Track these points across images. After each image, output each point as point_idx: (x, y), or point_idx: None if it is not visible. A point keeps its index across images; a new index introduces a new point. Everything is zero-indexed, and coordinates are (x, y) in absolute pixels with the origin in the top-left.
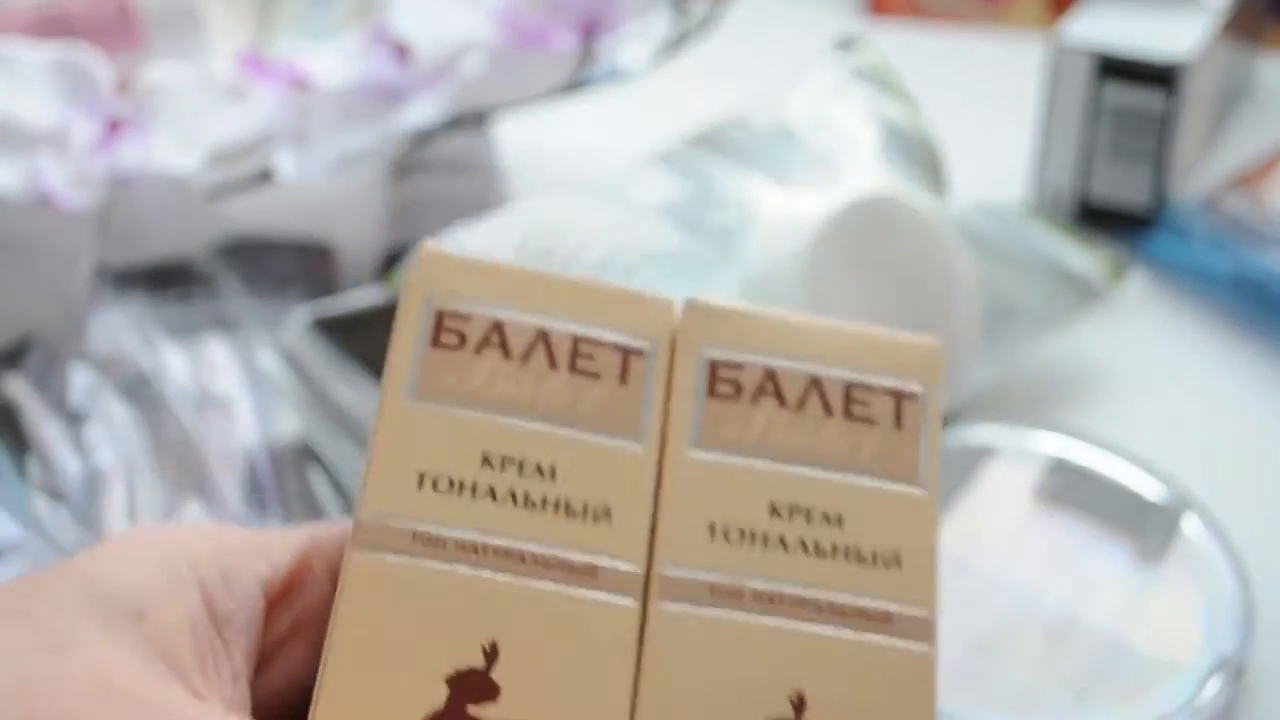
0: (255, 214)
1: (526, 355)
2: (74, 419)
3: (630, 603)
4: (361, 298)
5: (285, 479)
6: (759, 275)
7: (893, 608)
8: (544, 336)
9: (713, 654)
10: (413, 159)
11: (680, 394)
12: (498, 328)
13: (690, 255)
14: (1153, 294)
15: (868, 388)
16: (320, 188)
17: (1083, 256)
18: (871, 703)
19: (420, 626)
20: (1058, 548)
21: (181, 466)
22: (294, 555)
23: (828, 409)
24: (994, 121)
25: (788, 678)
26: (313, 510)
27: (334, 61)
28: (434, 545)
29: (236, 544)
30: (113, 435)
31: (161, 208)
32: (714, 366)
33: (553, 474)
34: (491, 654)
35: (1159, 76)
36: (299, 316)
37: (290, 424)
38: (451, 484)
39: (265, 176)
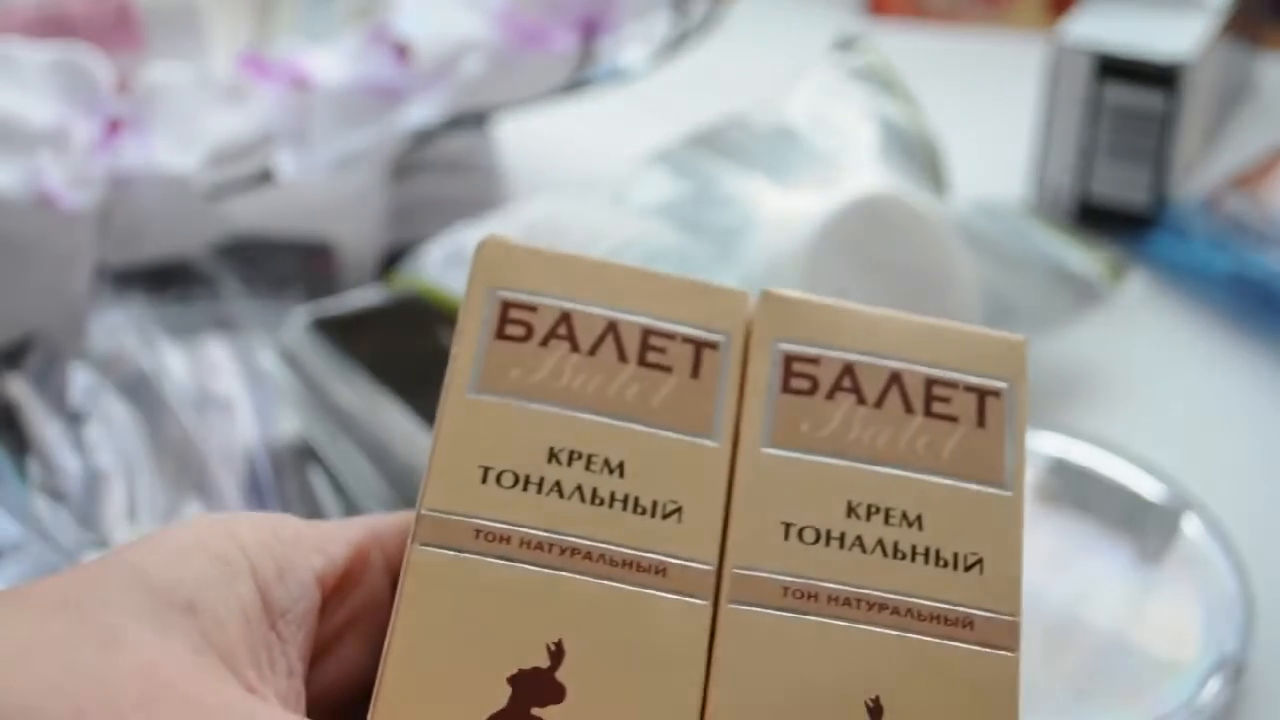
0: (255, 214)
1: (595, 348)
2: (74, 419)
3: (701, 603)
4: (361, 298)
5: (285, 479)
6: (759, 275)
7: (975, 612)
8: (613, 328)
9: (786, 657)
10: (413, 159)
11: (754, 389)
12: (565, 319)
13: (690, 255)
14: (1153, 294)
15: (950, 384)
16: (320, 188)
17: (1083, 256)
18: (952, 711)
19: (483, 624)
20: (1058, 548)
21: (181, 466)
22: (351, 548)
23: (908, 406)
24: (994, 121)
25: (864, 683)
26: (313, 511)
27: (334, 61)
28: (498, 541)
29: (292, 536)
30: (113, 435)
31: (161, 208)
32: (789, 360)
33: (621, 470)
34: (557, 654)
35: (1159, 76)
36: (299, 316)
37: (290, 424)
38: (516, 479)
39: (265, 176)
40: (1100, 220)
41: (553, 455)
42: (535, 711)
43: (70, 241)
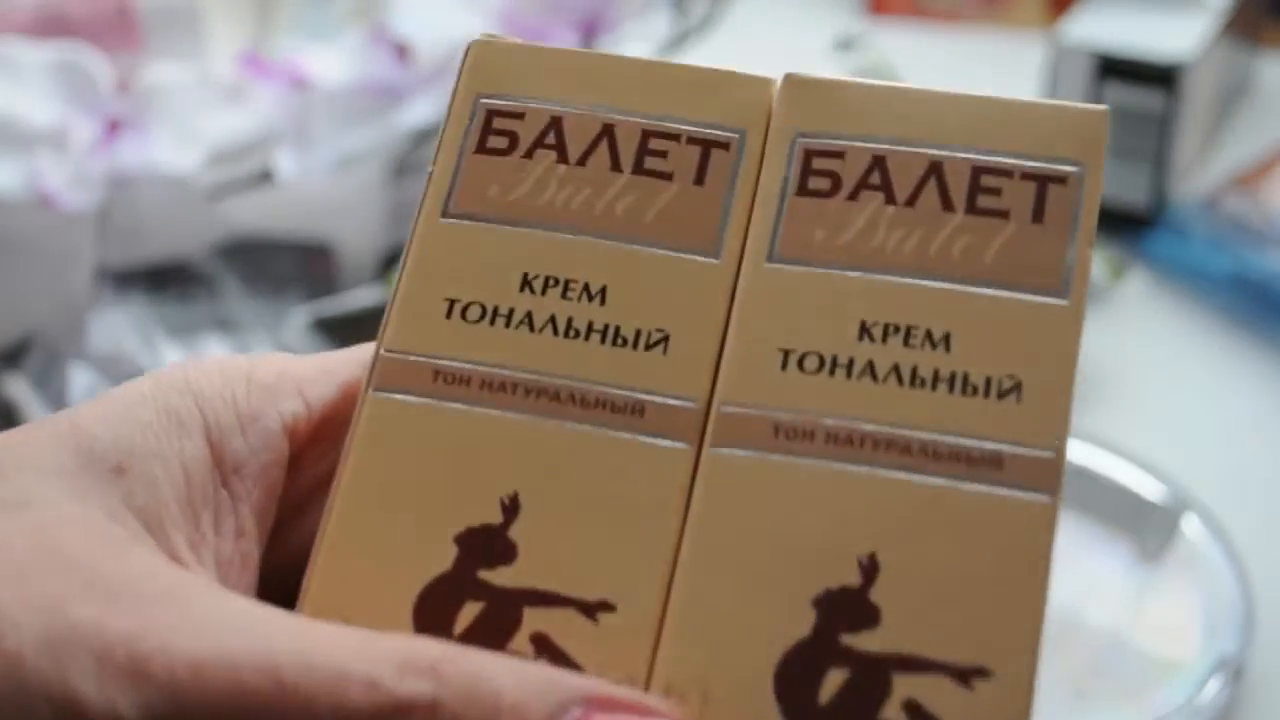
0: (255, 214)
1: (585, 156)
2: None
3: (682, 447)
4: (361, 298)
5: None
6: None
7: (1005, 449)
8: (608, 132)
9: (769, 508)
10: (413, 159)
11: (765, 194)
12: (555, 124)
13: None
14: (1153, 294)
15: (1002, 172)
16: (320, 188)
17: None
18: (962, 570)
19: (434, 478)
20: (1057, 548)
21: None
22: (338, 388)
23: (946, 202)
24: None
25: (859, 537)
26: None
27: (334, 61)
28: (457, 384)
29: (270, 379)
30: None
31: (161, 208)
32: (809, 156)
33: (603, 296)
34: (511, 509)
35: (1159, 76)
36: (299, 316)
37: None
38: (484, 312)
39: (265, 176)
40: (1100, 220)
41: (526, 283)
42: (482, 574)
43: (70, 241)
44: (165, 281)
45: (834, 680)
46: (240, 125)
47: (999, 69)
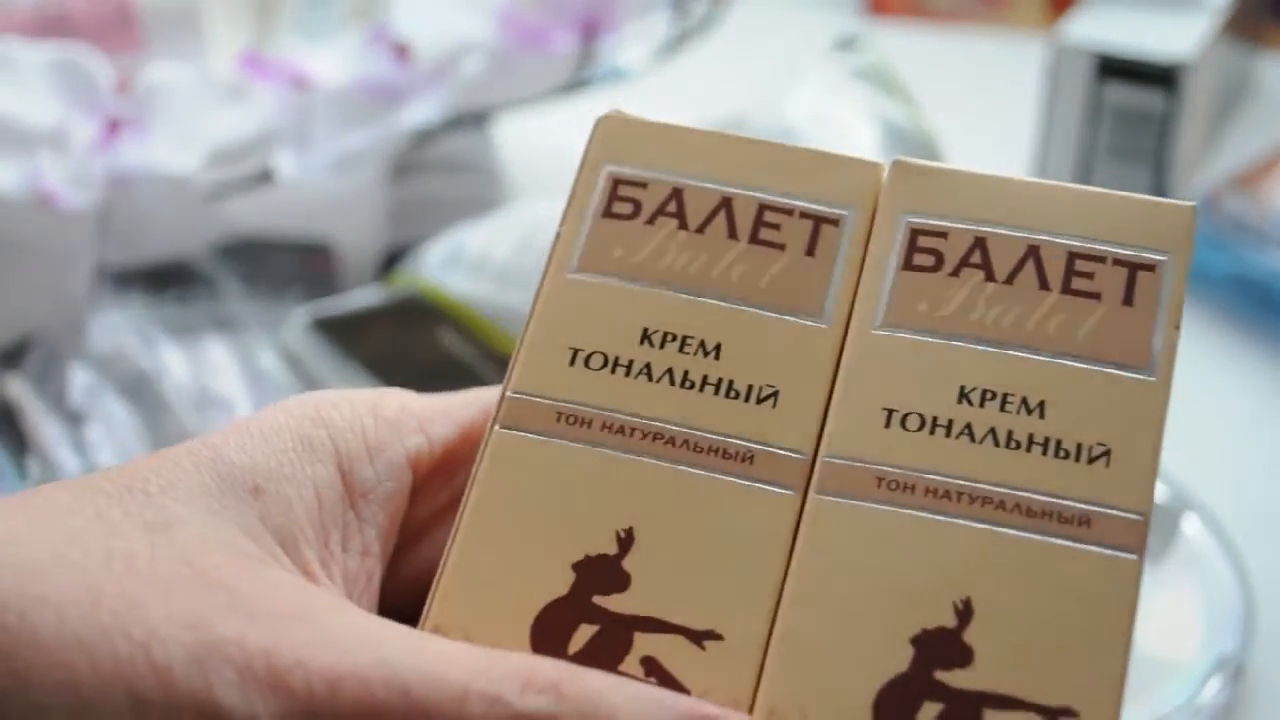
0: (255, 214)
1: (704, 225)
2: (74, 419)
3: (788, 493)
4: (361, 298)
5: None
6: None
7: (1095, 509)
8: (727, 204)
9: (871, 553)
10: (413, 159)
11: (873, 266)
12: (676, 195)
13: None
14: None
15: (1096, 257)
16: (320, 188)
17: None
18: (1052, 619)
19: (554, 510)
20: None
21: None
22: (458, 428)
23: (1043, 282)
24: (994, 121)
25: (955, 583)
26: None
27: (334, 61)
28: (579, 425)
29: (393, 415)
30: (113, 435)
31: (161, 208)
32: (915, 234)
33: (717, 352)
34: (626, 541)
35: (1159, 76)
36: (299, 316)
37: None
38: (606, 361)
39: (265, 176)
40: None
41: (646, 337)
42: (597, 600)
43: (70, 241)
44: (165, 281)
45: (928, 712)
46: (240, 125)
47: (999, 69)
